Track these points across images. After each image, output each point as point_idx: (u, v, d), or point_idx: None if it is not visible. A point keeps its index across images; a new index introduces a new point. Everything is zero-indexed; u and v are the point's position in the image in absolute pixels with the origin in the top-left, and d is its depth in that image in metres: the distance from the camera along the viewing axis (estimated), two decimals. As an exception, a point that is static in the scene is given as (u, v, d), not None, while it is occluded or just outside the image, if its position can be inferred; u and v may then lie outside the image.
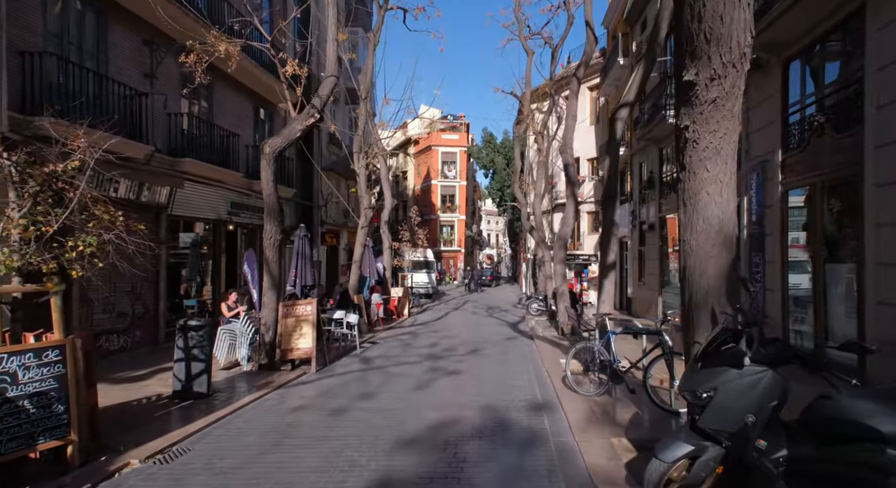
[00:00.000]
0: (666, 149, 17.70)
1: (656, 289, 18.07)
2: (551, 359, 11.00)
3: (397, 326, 17.63)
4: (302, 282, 12.92)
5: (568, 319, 14.66)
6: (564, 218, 15.27)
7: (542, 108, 27.67)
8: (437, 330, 16.80)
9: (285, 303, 10.60)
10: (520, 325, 18.30)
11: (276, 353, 10.18)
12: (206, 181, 13.82)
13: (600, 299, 10.17)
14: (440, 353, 12.17)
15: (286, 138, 9.18)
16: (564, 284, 15.16)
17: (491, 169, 37.47)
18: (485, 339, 14.62)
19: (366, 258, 18.07)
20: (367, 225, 15.53)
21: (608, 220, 10.09)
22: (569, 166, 15.22)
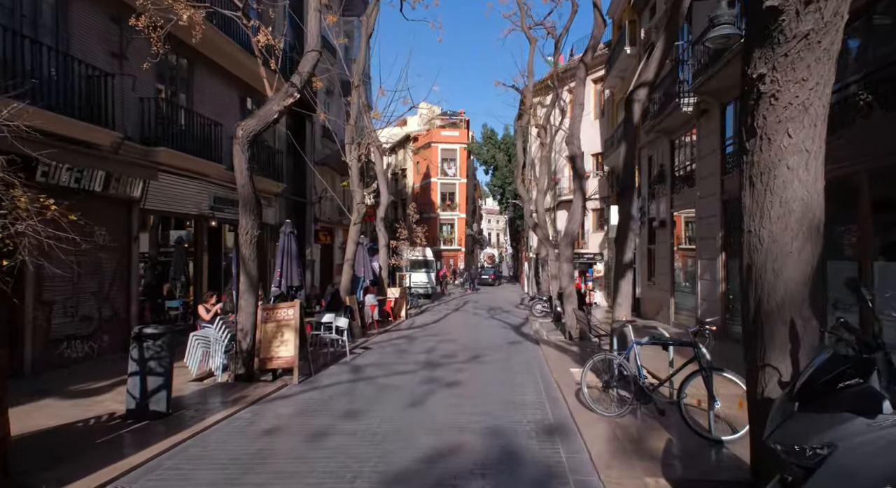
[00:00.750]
0: (678, 140, 16.57)
1: (668, 289, 16.95)
2: (561, 368, 9.88)
3: (394, 329, 16.51)
4: (288, 283, 11.81)
5: (576, 323, 13.54)
6: (572, 213, 14.14)
7: (545, 101, 26.58)
8: (436, 333, 15.68)
9: (265, 306, 9.49)
10: (523, 328, 17.18)
11: (254, 362, 9.07)
12: (185, 173, 12.70)
13: (615, 302, 9.04)
14: (438, 361, 11.05)
15: (262, 120, 8.07)
16: (572, 285, 14.05)
17: (492, 165, 36.33)
18: (486, 344, 13.51)
19: (359, 257, 16.95)
20: (360, 221, 14.41)
21: (625, 214, 8.97)
22: (576, 158, 14.11)
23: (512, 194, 35.07)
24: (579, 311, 13.46)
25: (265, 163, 16.27)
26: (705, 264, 14.16)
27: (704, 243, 14.13)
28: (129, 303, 11.28)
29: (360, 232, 14.62)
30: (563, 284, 14.18)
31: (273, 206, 17.36)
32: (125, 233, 11.13)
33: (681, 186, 16.14)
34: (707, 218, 13.93)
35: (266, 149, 16.52)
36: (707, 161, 13.92)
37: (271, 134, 17.47)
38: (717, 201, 13.38)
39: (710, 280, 13.79)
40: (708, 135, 13.91)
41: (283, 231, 11.96)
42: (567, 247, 14.10)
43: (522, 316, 21.21)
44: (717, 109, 13.36)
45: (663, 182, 17.37)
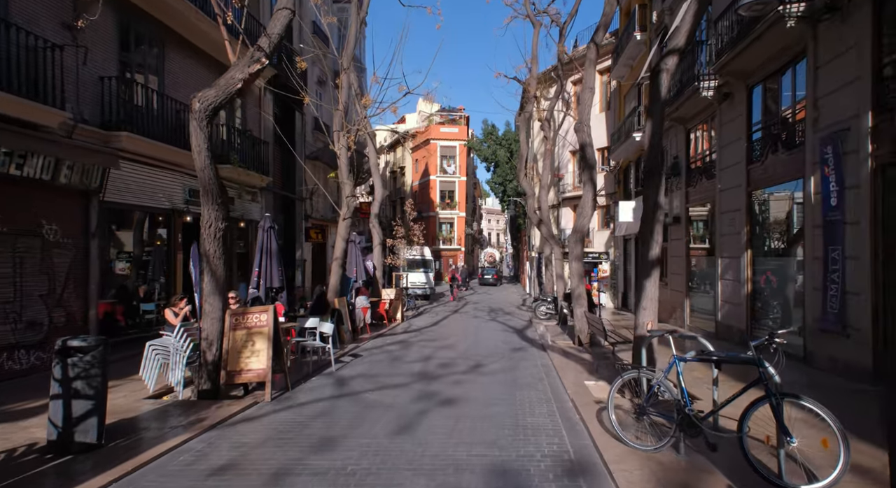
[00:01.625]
0: (695, 129, 15.28)
1: (682, 290, 15.65)
2: (574, 381, 8.58)
3: (388, 333, 15.20)
4: (267, 284, 10.52)
5: (588, 327, 12.24)
6: (581, 207, 12.85)
7: (548, 94, 25.32)
8: (433, 338, 14.38)
9: (234, 311, 8.19)
10: (527, 332, 15.88)
11: (220, 376, 7.77)
12: (154, 162, 11.41)
13: (640, 306, 7.74)
14: (434, 371, 9.75)
15: (222, 90, 6.77)
16: (581, 285, 12.75)
17: (493, 162, 35.03)
18: (488, 350, 12.21)
19: (351, 255, 15.68)
20: (350, 216, 13.12)
21: (650, 202, 7.67)
22: (586, 147, 12.82)
23: (513, 191, 33.76)
24: (590, 314, 12.16)
25: (248, 154, 14.99)
26: (727, 263, 12.86)
27: (727, 240, 12.84)
28: (87, 307, 9.98)
29: (350, 228, 13.33)
30: (572, 285, 12.88)
31: (258, 201, 16.07)
32: (81, 228, 9.83)
33: (698, 179, 14.85)
34: (730, 212, 12.63)
35: (249, 139, 15.23)
36: (730, 150, 12.62)
37: (256, 123, 16.19)
38: (741, 193, 12.09)
39: (734, 280, 12.49)
40: (731, 122, 12.61)
41: (261, 226, 10.68)
42: (577, 244, 12.80)
43: (525, 318, 19.91)
44: (743, 92, 12.07)
45: (678, 175, 16.07)
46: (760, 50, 10.58)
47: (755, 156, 11.68)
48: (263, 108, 16.40)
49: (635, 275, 18.30)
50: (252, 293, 10.48)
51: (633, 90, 21.73)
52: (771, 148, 11.02)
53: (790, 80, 10.52)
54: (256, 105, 15.97)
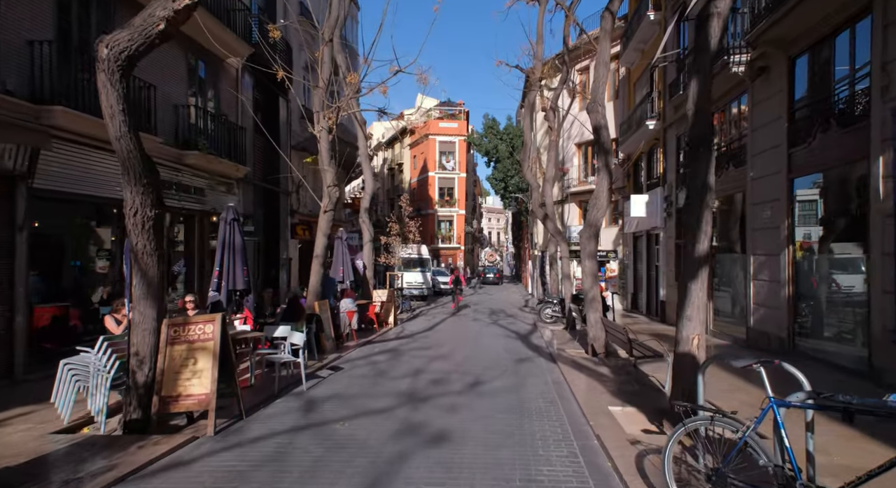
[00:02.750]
0: (719, 112, 13.57)
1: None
2: (595, 404, 6.91)
3: (378, 340, 13.52)
4: (230, 286, 8.84)
5: (604, 335, 10.57)
6: (595, 198, 11.17)
7: (552, 84, 23.65)
8: (428, 345, 12.69)
9: (173, 320, 6.51)
10: (532, 337, 14.19)
11: (153, 403, 6.10)
12: (100, 145, 9.69)
13: (683, 315, 6.04)
14: (424, 391, 8.07)
15: (139, 32, 5.06)
16: (596, 287, 11.07)
17: (493, 158, 33.32)
18: (489, 362, 10.54)
19: (338, 253, 14.02)
20: (332, 208, 11.45)
21: (699, 184, 5.95)
22: (600, 129, 11.14)
23: (515, 187, 32.06)
24: (608, 321, 10.47)
25: (222, 141, 13.31)
26: (762, 261, 11.17)
27: (761, 234, 11.15)
28: (13, 314, 8.29)
29: (332, 222, 11.65)
30: (584, 286, 11.19)
31: (234, 193, 14.38)
32: (5, 220, 8.15)
33: (723, 167, 13.15)
34: (765, 203, 10.95)
35: (224, 125, 13.55)
36: (766, 132, 10.93)
37: (232, 107, 14.51)
38: (780, 181, 10.41)
39: (770, 280, 10.81)
40: (768, 100, 10.92)
41: (223, 218, 9.00)
42: (589, 240, 11.12)
43: (529, 321, 18.22)
44: (783, 64, 10.38)
45: (698, 164, 14.34)
46: (811, 9, 8.89)
47: (799, 138, 9.99)
48: (242, 92, 14.72)
49: (682, 276, 16.65)
50: (212, 296, 8.81)
51: (644, 76, 20.04)
52: (820, 126, 9.32)
53: (846, 44, 8.83)
54: (232, 87, 14.30)
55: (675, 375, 6.07)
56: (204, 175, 12.77)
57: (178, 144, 11.92)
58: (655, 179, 18.46)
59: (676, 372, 6.04)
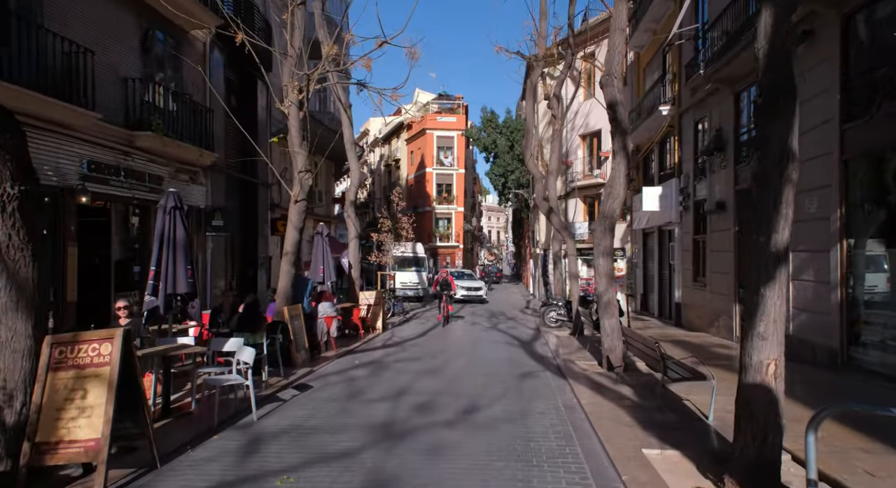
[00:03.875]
0: (748, 91, 11.85)
1: (729, 293, 12.26)
2: (624, 446, 5.21)
3: (361, 348, 11.82)
4: (168, 290, 7.13)
5: (621, 344, 8.87)
6: (610, 185, 9.47)
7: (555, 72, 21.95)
8: (417, 356, 11.00)
9: (57, 337, 4.80)
10: (536, 345, 12.50)
11: (22, 453, 4.40)
12: (29, 121, 7.96)
13: (754, 332, 4.33)
14: (404, 422, 6.37)
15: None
16: (611, 289, 9.37)
17: (492, 152, 31.60)
18: (487, 376, 8.84)
19: (317, 251, 12.33)
20: (304, 198, 9.75)
21: (777, 151, 4.24)
22: (616, 105, 9.46)
23: (515, 183, 30.33)
24: (627, 328, 8.76)
25: (184, 123, 11.62)
26: (805, 258, 9.47)
27: (804, 228, 9.43)
28: None
29: (304, 213, 9.94)
30: (598, 288, 9.48)
31: (202, 183, 12.68)
32: None
33: (753, 153, 11.41)
34: (809, 190, 9.23)
35: (188, 105, 11.84)
36: (811, 107, 9.21)
37: (200, 87, 12.80)
38: (831, 164, 8.72)
39: (816, 281, 9.12)
40: (813, 69, 9.22)
41: (160, 206, 7.28)
42: (605, 235, 9.41)
43: (531, 325, 16.54)
44: (835, 25, 8.67)
45: (722, 150, 12.66)
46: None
47: (855, 112, 8.28)
48: (210, 70, 13.01)
49: (751, 277, 14.86)
50: (148, 302, 7.10)
51: (655, 60, 18.35)
52: (885, 94, 7.62)
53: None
54: (200, 63, 12.59)
55: (740, 411, 4.37)
56: (161, 160, 11.06)
57: (129, 124, 10.21)
58: (669, 170, 16.76)
59: (743, 409, 4.33)
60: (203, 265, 12.71)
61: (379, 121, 50.81)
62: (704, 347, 11.41)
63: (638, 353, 8.10)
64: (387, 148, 47.07)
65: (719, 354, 10.60)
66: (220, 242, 13.50)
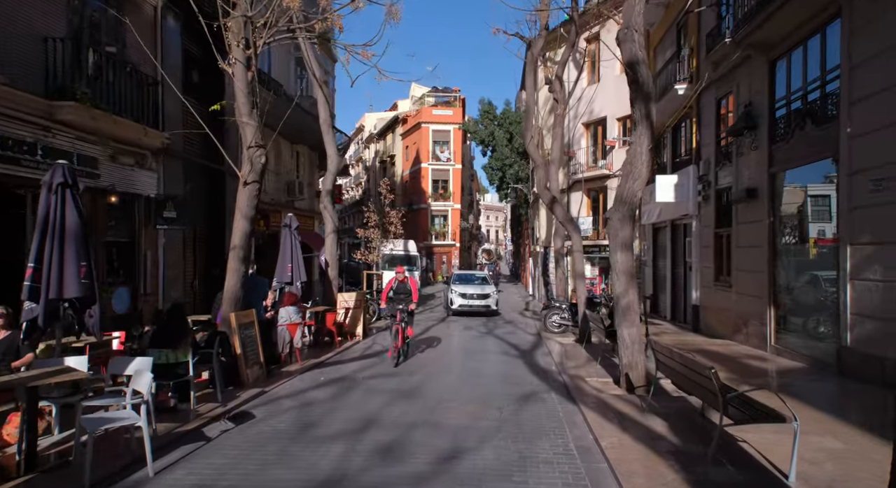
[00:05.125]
0: (786, 57, 10.01)
1: (761, 294, 10.43)
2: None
3: (333, 360, 10.01)
4: (52, 294, 5.31)
5: (643, 359, 7.06)
6: (630, 163, 7.64)
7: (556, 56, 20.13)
8: (396, 370, 9.17)
9: None
10: (537, 355, 10.69)
11: None
12: None
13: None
14: (358, 476, 4.55)
15: None
16: (632, 290, 7.54)
17: (490, 145, 29.75)
18: (478, 402, 7.03)
19: (285, 246, 10.54)
20: (256, 179, 7.93)
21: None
22: (637, 64, 7.72)
23: (513, 177, 28.49)
24: (658, 343, 6.91)
25: (127, 97, 9.80)
26: (868, 254, 7.65)
27: (869, 216, 7.62)
28: None
29: (256, 199, 8.11)
30: (617, 289, 7.65)
31: (151, 169, 10.85)
32: None
33: (793, 128, 9.60)
34: (875, 169, 7.41)
35: (127, 75, 10.00)
36: (879, 66, 7.40)
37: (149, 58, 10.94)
38: (908, 134, 6.89)
39: (885, 281, 7.28)
40: (874, 22, 7.39)
41: (44, 182, 5.45)
42: (623, 224, 7.59)
43: (532, 330, 14.74)
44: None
45: (753, 128, 10.82)
46: None
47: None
48: (162, 37, 11.18)
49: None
50: (27, 310, 5.27)
51: (668, 37, 16.49)
52: None
53: None
54: (150, 29, 10.77)
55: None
56: (93, 138, 9.22)
57: (48, 93, 8.38)
58: (686, 157, 14.93)
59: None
60: (153, 263, 10.88)
61: (374, 116, 49.01)
62: (734, 359, 9.60)
63: (665, 369, 6.26)
64: (381, 144, 45.25)
65: (754, 368, 8.81)
66: (175, 237, 11.68)
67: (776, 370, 8.68)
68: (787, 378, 8.02)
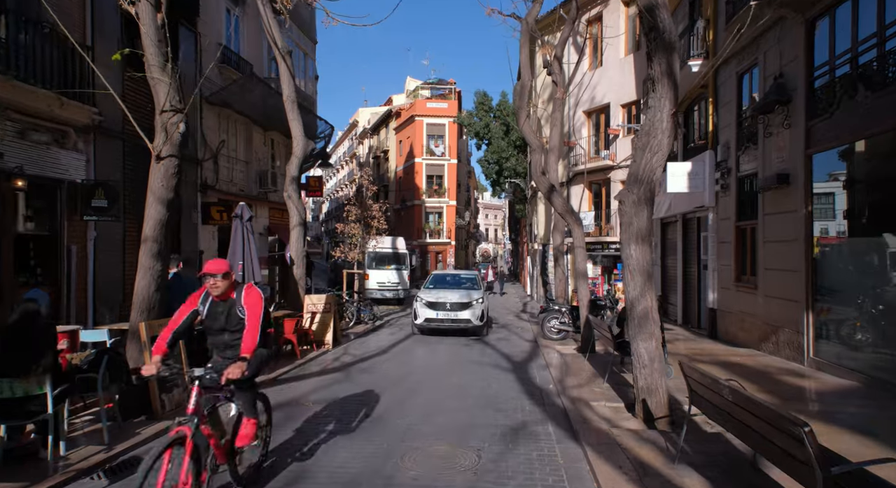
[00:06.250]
0: (829, 14, 8.32)
1: (797, 297, 8.74)
2: None
3: (289, 377, 8.34)
4: None
5: (664, 382, 5.39)
6: (646, 133, 5.97)
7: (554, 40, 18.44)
8: (359, 391, 7.48)
9: None
10: (533, 368, 9.00)
11: None
12: None
13: None
14: None
15: None
16: (649, 294, 5.85)
17: (485, 138, 28.05)
18: (452, 443, 5.34)
19: (236, 240, 8.88)
20: (174, 153, 6.25)
21: None
22: (656, 8, 6.11)
23: (511, 172, 26.81)
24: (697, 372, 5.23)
25: (42, 62, 8.11)
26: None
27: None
28: None
29: (174, 177, 6.42)
30: (630, 292, 5.94)
31: (77, 149, 9.19)
32: None
33: (838, 99, 7.91)
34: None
35: (52, 38, 8.31)
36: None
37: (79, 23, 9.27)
38: None
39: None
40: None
41: None
42: (639, 209, 5.91)
43: (527, 335, 13.08)
44: None
45: (785, 103, 9.13)
46: None
47: None
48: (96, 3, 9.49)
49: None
50: None
51: (680, 11, 14.79)
52: None
53: None
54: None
55: None
56: (-9, 109, 7.54)
57: None
58: (701, 142, 13.24)
59: None
60: (81, 260, 9.21)
61: (368, 111, 47.30)
62: (766, 374, 7.94)
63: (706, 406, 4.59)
64: (375, 139, 43.56)
65: (794, 387, 7.14)
66: (112, 232, 10.00)
67: (826, 392, 7.00)
68: (850, 405, 6.32)
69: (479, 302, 12.60)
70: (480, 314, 12.46)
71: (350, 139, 49.60)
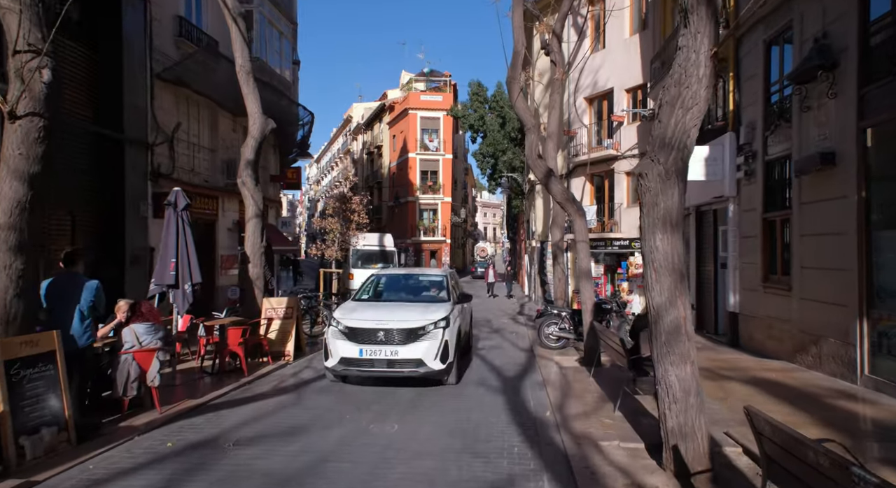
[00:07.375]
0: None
1: (846, 301, 7.13)
2: None
3: (224, 401, 6.73)
4: None
5: (705, 422, 3.77)
6: (677, 81, 4.32)
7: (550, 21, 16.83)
8: (303, 424, 5.87)
9: None
10: (527, 389, 7.38)
11: None
12: None
13: None
14: None
15: None
16: (681, 302, 4.22)
17: (480, 131, 26.42)
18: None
19: (168, 232, 7.28)
20: (37, 110, 4.65)
21: None
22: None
23: (507, 166, 25.19)
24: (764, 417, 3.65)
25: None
26: None
27: None
28: None
29: (35, 145, 4.79)
30: (655, 298, 4.32)
31: None
32: None
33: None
34: None
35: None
36: None
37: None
38: None
39: None
40: None
41: None
42: (668, 185, 4.31)
43: (523, 343, 11.51)
44: None
45: (830, 68, 7.51)
46: None
47: None
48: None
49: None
50: None
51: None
52: None
53: None
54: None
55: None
56: None
57: None
58: (720, 123, 11.60)
59: None
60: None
61: (362, 106, 45.72)
62: (815, 398, 6.36)
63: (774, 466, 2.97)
64: (369, 134, 41.95)
65: (857, 417, 5.53)
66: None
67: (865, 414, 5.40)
68: None
69: (440, 327, 7.18)
70: (440, 349, 7.03)
71: (344, 135, 48.02)
